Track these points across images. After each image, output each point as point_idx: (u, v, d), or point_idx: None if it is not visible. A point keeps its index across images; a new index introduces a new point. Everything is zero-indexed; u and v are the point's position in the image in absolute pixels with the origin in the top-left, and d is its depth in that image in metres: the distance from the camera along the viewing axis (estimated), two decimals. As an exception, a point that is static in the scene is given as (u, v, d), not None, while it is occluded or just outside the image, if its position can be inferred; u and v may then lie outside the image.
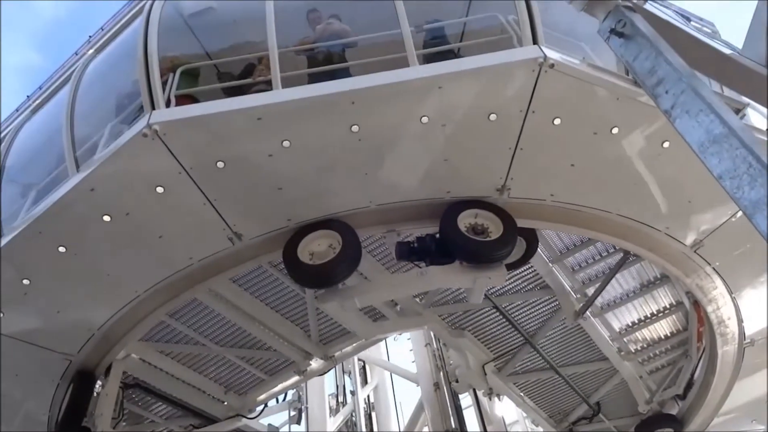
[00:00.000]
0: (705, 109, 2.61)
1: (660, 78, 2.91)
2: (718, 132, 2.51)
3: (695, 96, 2.69)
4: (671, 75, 2.86)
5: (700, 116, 2.61)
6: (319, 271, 6.24)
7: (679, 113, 2.72)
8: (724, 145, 2.46)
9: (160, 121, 5.54)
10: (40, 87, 8.51)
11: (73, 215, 6.21)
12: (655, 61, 2.97)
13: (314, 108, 5.67)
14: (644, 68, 3.04)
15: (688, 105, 2.69)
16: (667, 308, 10.21)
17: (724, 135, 2.48)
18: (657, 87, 2.92)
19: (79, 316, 7.18)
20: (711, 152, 2.52)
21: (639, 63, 3.08)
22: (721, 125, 2.51)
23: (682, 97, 2.73)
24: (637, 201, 6.99)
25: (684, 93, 2.74)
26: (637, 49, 3.12)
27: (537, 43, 5.82)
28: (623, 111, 6.11)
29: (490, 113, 5.90)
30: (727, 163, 2.43)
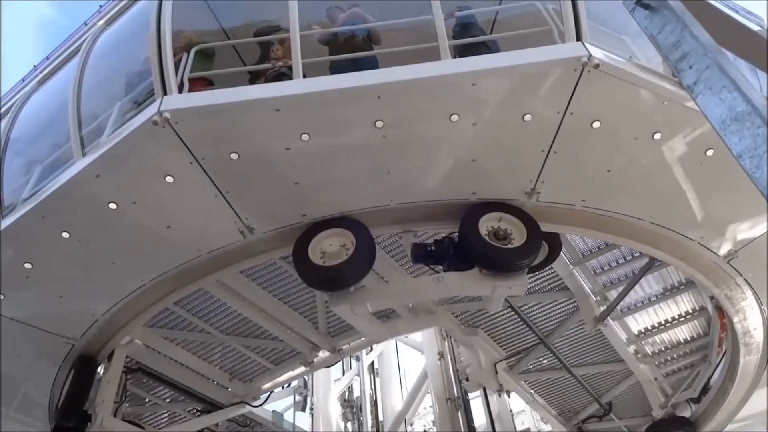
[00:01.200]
0: (728, 86, 2.49)
1: (684, 52, 2.80)
2: (740, 110, 2.39)
3: (720, 72, 2.58)
4: (696, 50, 2.75)
5: (723, 93, 2.50)
6: (331, 273, 5.88)
7: (702, 89, 2.62)
8: (745, 123, 2.34)
9: (172, 109, 5.16)
10: (47, 57, 8.12)
11: (77, 201, 5.90)
12: (680, 35, 2.86)
13: (337, 101, 5.27)
14: (668, 42, 2.92)
15: (712, 81, 2.59)
16: (689, 313, 9.91)
17: (746, 113, 2.36)
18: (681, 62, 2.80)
19: (83, 302, 6.93)
20: (732, 130, 2.40)
21: (663, 36, 2.95)
22: (744, 103, 2.39)
23: (706, 73, 2.63)
24: (672, 209, 6.59)
25: (708, 69, 2.64)
26: (663, 21, 2.99)
27: (581, 39, 5.36)
28: (668, 116, 5.68)
29: (525, 113, 5.48)
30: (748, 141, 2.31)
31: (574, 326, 10.03)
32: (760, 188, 2.22)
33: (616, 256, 8.90)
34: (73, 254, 6.33)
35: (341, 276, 5.92)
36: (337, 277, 5.92)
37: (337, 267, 5.88)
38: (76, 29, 7.81)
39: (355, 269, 5.96)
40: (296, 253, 6.09)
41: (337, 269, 5.87)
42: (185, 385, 9.05)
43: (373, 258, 6.15)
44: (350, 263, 5.91)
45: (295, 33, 5.70)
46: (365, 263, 6.07)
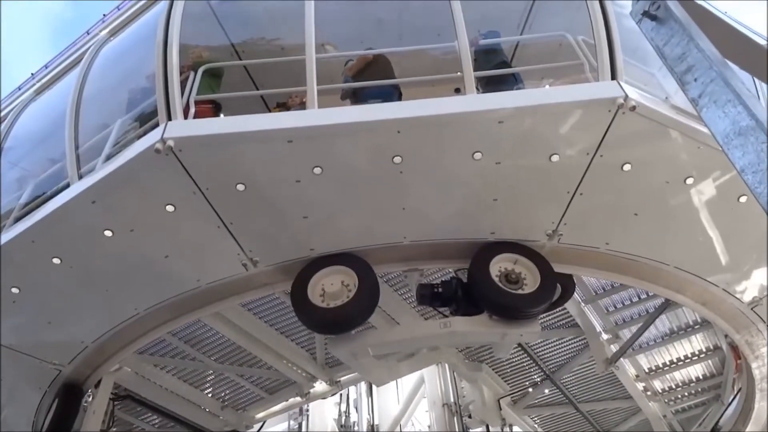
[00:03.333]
0: (733, 100, 2.46)
1: (690, 65, 2.77)
2: (744, 124, 2.36)
3: (725, 85, 2.54)
4: (701, 62, 2.71)
5: (728, 107, 2.47)
6: (332, 317, 5.46)
7: (707, 102, 2.59)
8: (749, 138, 2.32)
9: (176, 137, 4.79)
10: (45, 66, 7.77)
11: (70, 227, 5.52)
12: (686, 47, 2.82)
13: (355, 134, 4.92)
14: (674, 54, 2.88)
15: (717, 94, 2.56)
16: (702, 352, 9.63)
17: (750, 128, 2.33)
18: (686, 74, 2.77)
19: (72, 329, 6.53)
20: (735, 144, 2.37)
21: (669, 48, 2.92)
22: (749, 117, 2.37)
23: (711, 86, 2.60)
24: (698, 255, 6.27)
25: (713, 82, 2.60)
26: (669, 33, 2.97)
27: (616, 78, 5.04)
28: (702, 160, 5.35)
29: (552, 153, 5.15)
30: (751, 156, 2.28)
31: (582, 362, 9.68)
32: (762, 203, 2.18)
33: (629, 294, 8.59)
34: (63, 280, 5.95)
35: (342, 320, 5.53)
36: (339, 321, 5.53)
37: (338, 310, 5.47)
38: (77, 38, 7.45)
39: (357, 312, 5.56)
40: (295, 293, 5.69)
41: (339, 312, 5.46)
42: (175, 413, 8.66)
43: (376, 299, 5.77)
44: (352, 305, 5.51)
45: (311, 58, 5.35)
46: (368, 305, 5.66)
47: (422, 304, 6.46)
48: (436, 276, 7.68)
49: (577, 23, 6.11)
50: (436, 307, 6.48)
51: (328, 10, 6.16)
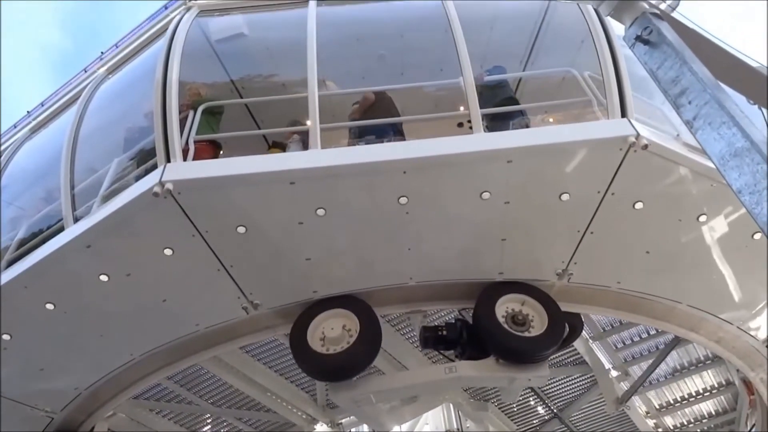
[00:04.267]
0: (728, 122, 2.49)
1: (683, 88, 2.79)
2: (739, 145, 2.39)
3: (719, 108, 2.58)
4: (695, 85, 2.74)
5: (722, 129, 2.50)
6: (333, 364, 5.26)
7: (702, 125, 2.63)
8: (745, 159, 2.34)
9: (175, 179, 4.64)
10: (41, 104, 7.64)
11: (65, 272, 5.33)
12: (679, 70, 2.85)
13: (360, 175, 4.78)
14: (668, 77, 2.91)
15: (711, 117, 2.60)
16: (714, 387, 9.39)
17: (745, 149, 2.36)
18: (680, 97, 2.80)
19: (65, 375, 6.28)
20: (731, 166, 2.40)
21: (663, 72, 2.95)
22: (743, 139, 2.40)
23: (705, 109, 2.64)
24: (712, 292, 6.11)
25: (707, 104, 2.64)
26: (662, 57, 2.99)
27: (626, 115, 4.92)
28: (715, 198, 5.23)
29: (562, 193, 5.01)
30: (747, 177, 2.31)
31: (591, 400, 9.42)
32: (760, 224, 2.17)
33: (638, 330, 8.42)
34: (57, 326, 5.73)
35: (344, 367, 5.32)
36: (340, 367, 5.32)
37: (339, 356, 5.26)
38: (74, 76, 7.35)
39: (359, 359, 5.35)
40: (294, 338, 5.48)
41: (340, 359, 5.25)
42: (172, 458, 8.33)
43: (379, 344, 5.55)
44: (354, 351, 5.30)
45: (313, 96, 5.23)
46: (371, 351, 5.45)
47: (426, 347, 6.24)
48: (440, 315, 7.50)
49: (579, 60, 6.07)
50: (441, 350, 6.27)
51: (330, 46, 6.08)
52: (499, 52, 6.64)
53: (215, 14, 6.61)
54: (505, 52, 6.86)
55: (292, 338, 5.52)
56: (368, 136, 5.69)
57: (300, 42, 5.78)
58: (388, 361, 7.58)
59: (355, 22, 6.94)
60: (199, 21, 6.42)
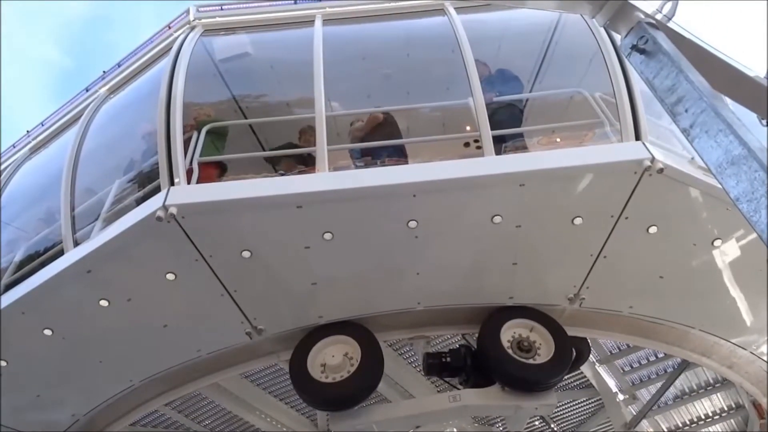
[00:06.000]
0: (724, 130, 2.47)
1: (680, 96, 2.78)
2: (737, 153, 2.38)
3: (715, 116, 2.56)
4: (691, 94, 2.73)
5: (719, 137, 2.49)
6: (334, 393, 5.11)
7: (698, 133, 2.62)
8: (742, 167, 2.33)
9: (179, 203, 4.51)
10: (42, 123, 7.53)
11: (64, 297, 5.19)
12: (675, 79, 2.84)
13: (368, 199, 4.66)
14: (664, 86, 2.90)
15: (708, 125, 2.58)
16: (723, 410, 9.19)
17: (743, 156, 2.35)
18: (676, 105, 2.79)
19: (63, 402, 6.11)
20: (728, 174, 2.39)
21: (659, 81, 2.94)
22: (741, 146, 2.38)
23: (701, 117, 2.62)
24: (725, 317, 5.99)
25: (704, 113, 2.62)
26: (658, 66, 2.99)
27: (640, 138, 4.83)
28: (730, 222, 5.12)
29: (575, 217, 4.91)
30: (745, 185, 2.30)
31: (600, 423, 9.23)
32: (759, 232, 2.17)
33: (646, 353, 8.23)
34: (55, 352, 5.57)
35: (345, 396, 5.16)
36: (341, 397, 5.15)
37: (340, 385, 5.10)
38: (76, 95, 7.25)
39: (360, 388, 5.19)
40: (293, 366, 5.31)
41: (341, 388, 5.10)
42: (171, 485, 8.09)
43: (381, 372, 5.38)
44: (355, 380, 5.14)
45: (321, 116, 5.13)
46: (372, 379, 5.29)
47: (430, 374, 6.08)
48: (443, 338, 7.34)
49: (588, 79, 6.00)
50: (444, 377, 6.11)
51: (335, 65, 6.01)
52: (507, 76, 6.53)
53: (220, 33, 6.54)
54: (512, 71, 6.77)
55: (292, 366, 5.35)
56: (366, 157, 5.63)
57: (305, 61, 5.71)
58: (390, 386, 7.40)
59: (361, 40, 6.88)
60: (203, 40, 6.35)
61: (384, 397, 7.32)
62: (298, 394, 5.38)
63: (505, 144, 5.46)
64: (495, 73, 6.25)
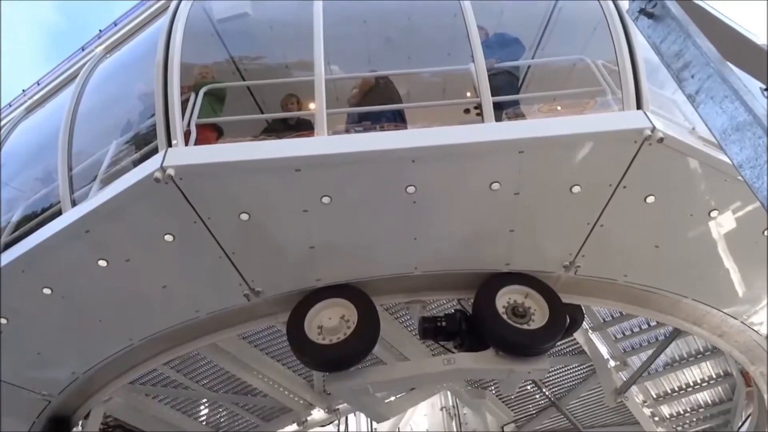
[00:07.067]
0: (730, 96, 2.43)
1: (687, 62, 2.74)
2: (741, 119, 2.35)
3: (721, 82, 2.52)
4: (698, 59, 2.69)
5: (725, 103, 2.44)
6: (330, 354, 5.16)
7: (704, 99, 2.56)
8: (746, 134, 2.30)
9: (177, 165, 4.50)
10: (38, 82, 7.45)
11: (62, 257, 5.21)
12: (683, 44, 2.80)
13: (367, 163, 4.65)
14: (671, 51, 2.86)
15: (714, 91, 2.53)
16: (712, 378, 9.41)
17: (747, 123, 2.32)
18: (683, 71, 2.74)
19: (63, 360, 6.19)
20: (733, 140, 2.36)
21: (666, 45, 2.90)
22: (746, 113, 2.35)
23: (707, 83, 2.57)
24: (718, 287, 6.05)
25: (710, 78, 2.58)
26: (666, 31, 2.95)
27: (642, 107, 4.80)
28: (728, 193, 5.14)
29: (573, 185, 4.91)
30: (749, 151, 2.27)
31: (590, 389, 9.42)
32: (761, 198, 2.15)
33: (639, 321, 8.38)
34: (54, 311, 5.63)
35: (342, 358, 5.22)
36: (337, 358, 5.21)
37: (336, 346, 5.15)
38: (71, 54, 7.15)
39: (356, 350, 5.25)
40: (291, 328, 5.34)
41: (337, 349, 5.15)
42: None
43: (377, 334, 5.44)
44: (351, 342, 5.19)
45: (320, 80, 5.08)
46: (369, 341, 5.35)
47: (425, 338, 6.16)
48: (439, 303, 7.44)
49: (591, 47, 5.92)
50: (439, 341, 6.19)
51: (336, 27, 5.92)
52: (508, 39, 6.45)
53: (218, -8, 6.42)
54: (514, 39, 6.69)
55: (289, 328, 5.40)
56: (365, 122, 5.58)
57: (305, 23, 5.62)
58: (386, 349, 7.52)
59: (362, 3, 6.75)
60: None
61: (380, 360, 7.44)
62: (295, 355, 5.45)
63: (504, 111, 5.46)
64: (492, 37, 6.18)
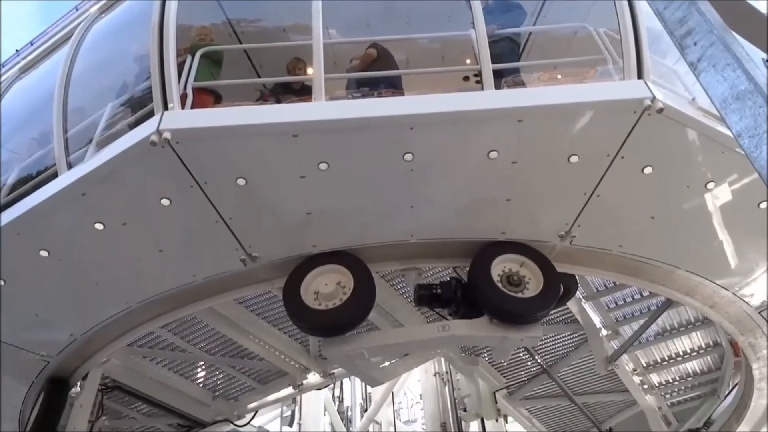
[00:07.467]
0: (732, 64, 2.41)
1: (690, 28, 2.71)
2: (743, 88, 2.32)
3: (724, 49, 2.49)
4: (702, 26, 2.66)
5: (727, 71, 2.42)
6: (326, 320, 5.22)
7: (705, 67, 2.53)
8: (747, 102, 2.27)
9: (173, 128, 4.46)
10: (31, 42, 7.33)
11: (59, 219, 5.21)
12: (687, 10, 2.76)
13: (365, 130, 4.62)
14: (675, 18, 2.81)
15: (716, 58, 2.51)
16: (701, 348, 9.55)
17: (749, 92, 2.29)
18: (686, 38, 2.71)
19: (61, 322, 6.24)
20: (733, 109, 2.33)
21: (670, 12, 2.84)
22: (748, 81, 2.32)
23: (710, 50, 2.55)
24: (712, 259, 6.09)
25: (713, 46, 2.55)
26: None
27: (642, 77, 4.76)
28: (725, 165, 5.15)
29: (571, 154, 4.90)
30: (748, 120, 2.25)
31: (581, 356, 9.56)
32: (758, 168, 2.13)
33: (631, 291, 8.41)
34: (51, 273, 5.65)
35: (337, 323, 5.27)
36: (333, 324, 5.27)
37: (332, 312, 5.21)
38: (65, 14, 7.02)
39: (352, 315, 5.30)
40: (287, 293, 5.39)
41: (333, 315, 5.20)
42: (166, 403, 8.41)
43: (372, 301, 5.50)
44: (347, 308, 5.24)
45: (318, 43, 5.01)
46: (364, 308, 5.40)
47: (420, 305, 6.22)
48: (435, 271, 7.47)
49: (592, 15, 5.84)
50: (434, 308, 6.25)
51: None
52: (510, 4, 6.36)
53: (214, -48, 6.28)
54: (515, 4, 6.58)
55: (286, 293, 5.44)
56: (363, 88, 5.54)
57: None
58: (381, 315, 7.58)
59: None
60: (197, -42, 6.11)
61: (375, 326, 7.51)
62: (291, 320, 5.51)
63: (504, 79, 5.41)
64: (493, 2, 6.07)
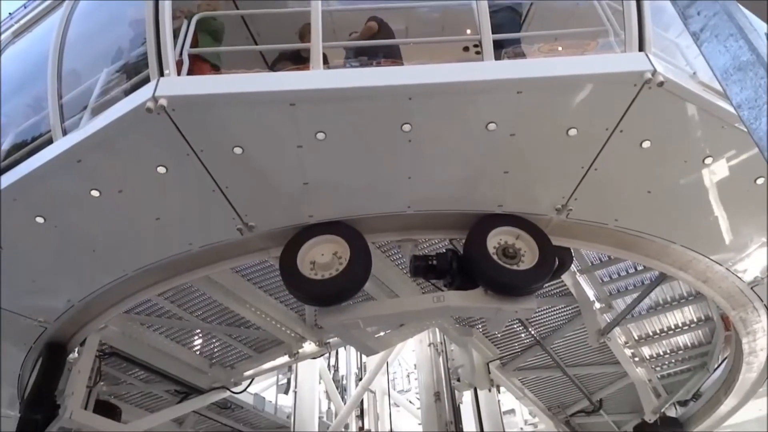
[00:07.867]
0: (735, 34, 2.39)
1: None
2: (745, 59, 2.31)
3: (728, 19, 2.47)
4: None
5: (729, 41, 2.40)
6: (322, 289, 5.24)
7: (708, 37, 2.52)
8: (748, 73, 2.26)
9: (169, 95, 4.42)
10: (24, 5, 7.20)
11: (54, 186, 5.18)
12: None
13: (363, 99, 4.58)
14: None
15: (719, 29, 2.49)
16: (693, 322, 9.67)
17: (750, 62, 2.27)
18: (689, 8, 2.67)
19: (57, 288, 6.26)
20: (734, 80, 2.30)
21: None
22: (750, 52, 2.31)
23: (713, 20, 2.52)
24: (707, 234, 6.12)
25: (716, 15, 2.52)
26: None
27: (644, 49, 4.71)
28: (724, 140, 5.13)
29: (570, 127, 4.87)
30: (749, 92, 2.23)
31: (574, 329, 9.68)
32: (757, 139, 2.13)
33: (626, 265, 8.48)
34: (48, 240, 5.64)
35: (333, 293, 5.30)
36: (329, 293, 5.30)
37: (328, 282, 5.23)
38: (59, -24, 6.86)
39: (348, 285, 5.32)
40: (284, 263, 5.41)
41: (329, 284, 5.23)
42: (163, 370, 8.52)
43: (368, 271, 5.52)
44: (343, 278, 5.26)
45: (316, 11, 4.94)
46: (360, 278, 5.43)
47: (416, 276, 6.25)
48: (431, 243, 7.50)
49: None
50: (430, 279, 6.28)
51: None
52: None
53: None
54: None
55: (282, 263, 5.46)
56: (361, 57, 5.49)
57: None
58: (377, 286, 7.64)
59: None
60: None
61: (370, 296, 7.57)
62: (287, 289, 5.54)
63: (504, 50, 5.36)
64: None
